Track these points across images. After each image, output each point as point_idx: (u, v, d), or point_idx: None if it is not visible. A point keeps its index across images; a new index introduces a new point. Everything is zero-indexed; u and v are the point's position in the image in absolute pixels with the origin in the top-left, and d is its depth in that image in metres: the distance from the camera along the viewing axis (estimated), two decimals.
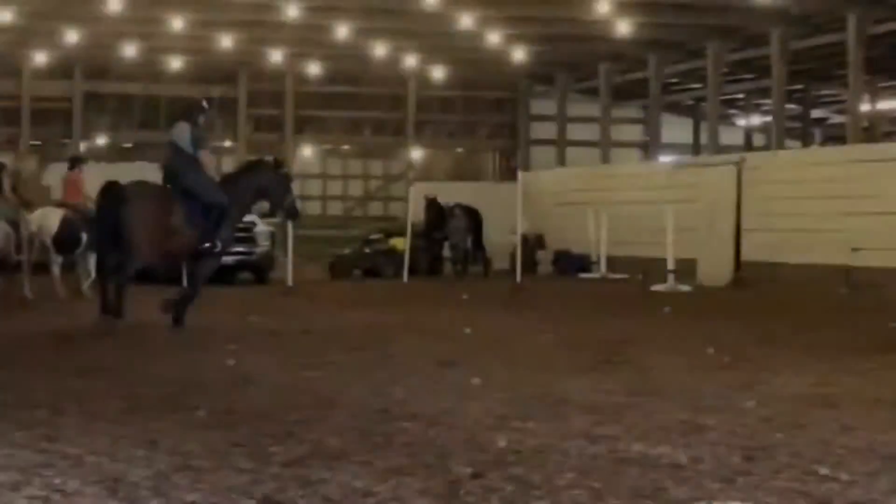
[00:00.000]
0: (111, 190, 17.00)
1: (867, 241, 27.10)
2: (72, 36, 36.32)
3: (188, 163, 17.00)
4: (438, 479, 7.82)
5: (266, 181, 17.90)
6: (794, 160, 32.16)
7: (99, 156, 42.14)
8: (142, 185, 17.47)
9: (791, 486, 7.71)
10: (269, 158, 18.87)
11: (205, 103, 17.74)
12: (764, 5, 30.77)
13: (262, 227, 32.86)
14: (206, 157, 17.19)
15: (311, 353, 14.88)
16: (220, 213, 17.07)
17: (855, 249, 27.30)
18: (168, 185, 17.19)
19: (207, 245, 17.18)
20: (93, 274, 23.85)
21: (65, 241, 24.42)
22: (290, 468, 8.07)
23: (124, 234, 16.68)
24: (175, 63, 41.46)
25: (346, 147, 47.95)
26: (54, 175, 31.01)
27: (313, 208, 46.58)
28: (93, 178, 23.64)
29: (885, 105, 43.36)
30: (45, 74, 43.13)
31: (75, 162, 26.07)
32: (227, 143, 45.82)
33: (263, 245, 32.44)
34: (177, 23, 34.23)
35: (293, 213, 18.88)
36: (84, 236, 24.15)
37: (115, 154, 44.15)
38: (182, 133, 17.08)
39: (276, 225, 34.57)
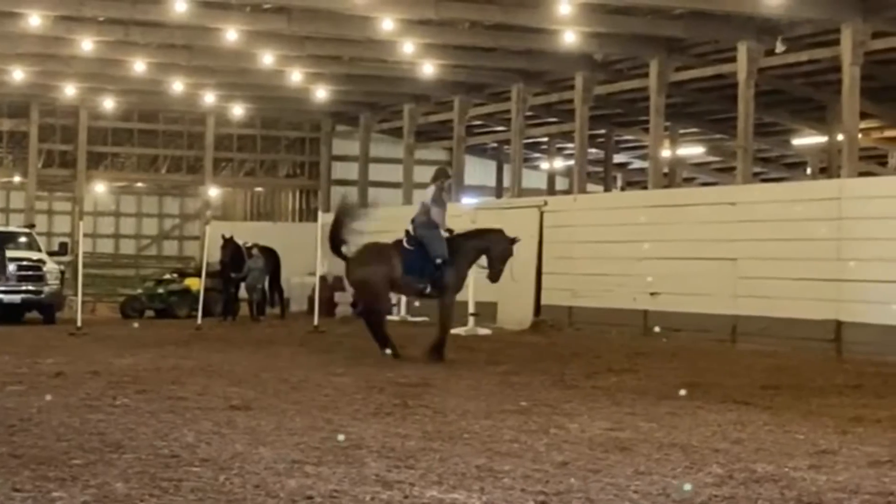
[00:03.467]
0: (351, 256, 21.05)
1: (665, 285, 27.46)
2: None
3: (427, 219, 20.57)
4: None
5: (495, 248, 21.00)
6: (594, 204, 32.50)
7: None
8: (374, 246, 21.13)
9: None
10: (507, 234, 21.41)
11: (450, 171, 22.36)
12: (568, 50, 31.10)
13: (51, 266, 32.14)
14: (435, 212, 20.53)
15: (98, 396, 14.54)
16: (440, 263, 20.35)
17: (653, 294, 27.65)
18: (403, 239, 20.77)
19: (420, 286, 20.87)
20: None
21: None
22: None
23: (355, 285, 21.49)
24: None
25: (140, 184, 47.16)
26: None
27: (105, 247, 45.72)
28: None
29: (685, 151, 44.24)
30: None
31: None
32: (17, 179, 44.65)
33: (52, 284, 31.73)
34: None
35: (495, 279, 21.23)
36: None
37: None
38: (428, 192, 20.89)
39: (65, 263, 33.86)
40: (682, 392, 14.02)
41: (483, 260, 21.16)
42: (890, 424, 12.90)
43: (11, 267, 31.42)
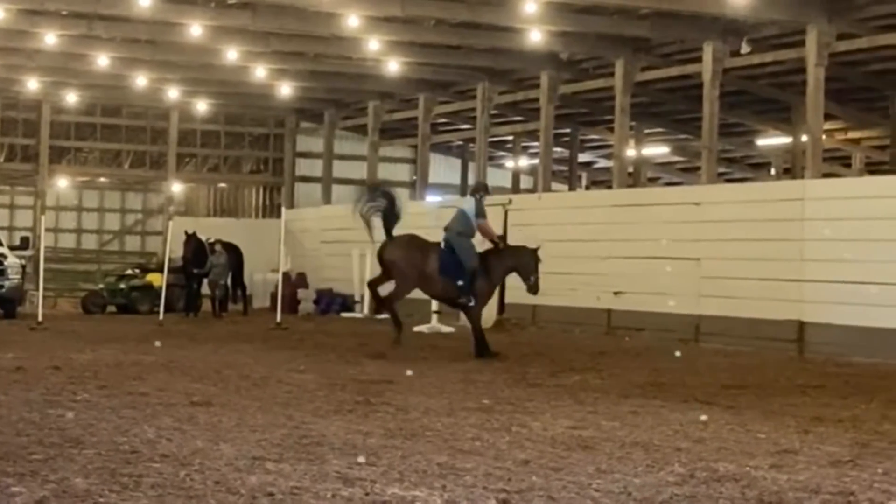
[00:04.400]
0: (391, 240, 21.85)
1: (628, 284, 27.50)
2: None
3: (464, 228, 21.53)
4: None
5: (524, 264, 22.01)
6: (559, 203, 32.51)
7: None
8: (411, 238, 22.01)
9: None
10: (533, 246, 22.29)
11: (488, 186, 23.12)
12: (534, 49, 31.06)
13: (12, 260, 31.94)
14: (485, 225, 21.87)
15: (59, 391, 14.49)
16: (471, 274, 21.20)
17: (617, 293, 27.69)
18: (441, 241, 21.61)
19: (462, 301, 21.49)
20: None
21: None
22: None
23: (388, 264, 21.67)
24: None
25: (103, 179, 46.86)
26: None
27: (67, 241, 45.45)
28: None
29: (650, 151, 44.31)
30: None
31: None
32: None
33: (13, 278, 31.51)
34: None
35: (535, 290, 22.17)
36: None
37: None
38: (469, 205, 21.87)
39: (27, 258, 33.64)
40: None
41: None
42: (851, 424, 12.94)
43: None
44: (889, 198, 22.80)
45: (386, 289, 22.25)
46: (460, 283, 21.38)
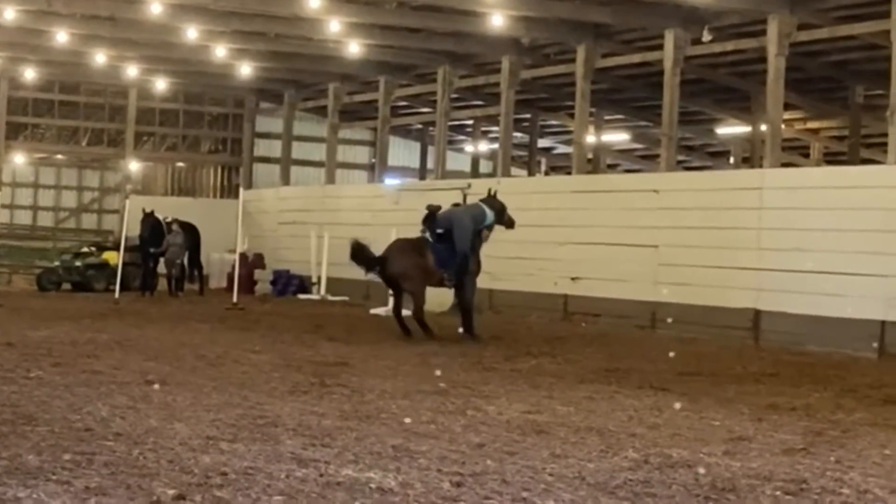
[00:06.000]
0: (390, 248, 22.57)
1: (586, 270, 27.53)
2: None
3: (476, 220, 22.31)
4: (140, 500, 7.58)
5: (500, 214, 22.82)
6: (518, 188, 32.47)
7: None
8: (405, 241, 22.94)
9: None
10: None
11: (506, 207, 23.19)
12: (495, 34, 31.02)
13: None
14: (487, 231, 22.53)
15: (11, 367, 14.41)
16: (463, 257, 21.88)
17: (574, 279, 27.72)
18: (426, 234, 22.36)
19: (448, 276, 22.13)
20: None
21: None
22: None
23: (396, 278, 22.13)
24: None
25: (60, 156, 46.57)
26: None
27: (23, 218, 45.18)
28: None
29: (610, 137, 44.35)
30: None
31: None
32: None
33: None
34: None
35: (512, 224, 23.16)
36: None
37: None
38: (489, 212, 22.44)
39: None
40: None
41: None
42: (804, 413, 13.01)
43: None
44: (846, 188, 22.90)
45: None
46: (446, 275, 22.07)
